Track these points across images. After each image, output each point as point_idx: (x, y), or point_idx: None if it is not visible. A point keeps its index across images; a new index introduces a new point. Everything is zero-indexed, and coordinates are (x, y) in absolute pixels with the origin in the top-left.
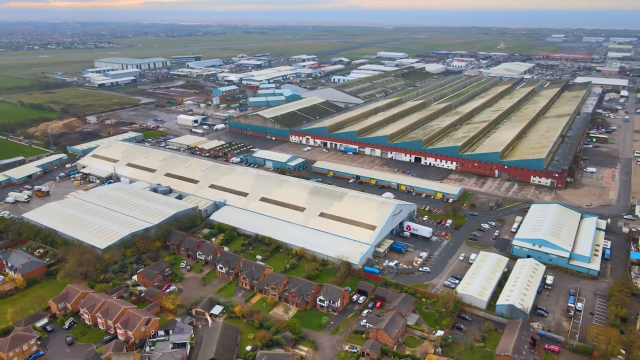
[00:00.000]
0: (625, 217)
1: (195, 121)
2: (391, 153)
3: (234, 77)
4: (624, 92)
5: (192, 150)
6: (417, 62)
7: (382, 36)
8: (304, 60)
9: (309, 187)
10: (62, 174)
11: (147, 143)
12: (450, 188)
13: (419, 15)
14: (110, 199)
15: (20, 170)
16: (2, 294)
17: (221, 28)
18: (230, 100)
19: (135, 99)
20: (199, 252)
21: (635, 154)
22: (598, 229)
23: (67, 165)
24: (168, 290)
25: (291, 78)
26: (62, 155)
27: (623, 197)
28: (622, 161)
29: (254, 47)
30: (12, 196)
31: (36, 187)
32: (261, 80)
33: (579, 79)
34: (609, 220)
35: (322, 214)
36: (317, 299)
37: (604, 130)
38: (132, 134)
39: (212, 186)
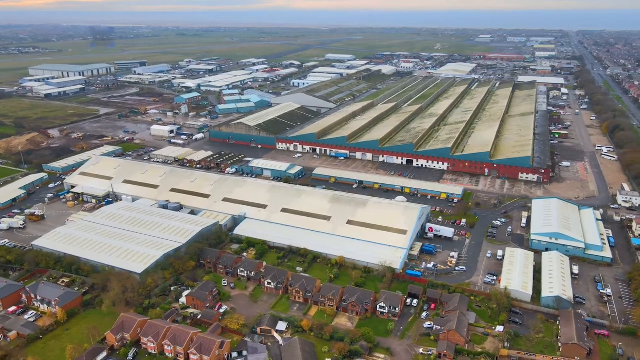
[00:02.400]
0: (612, 206)
1: (171, 131)
2: (382, 156)
3: (191, 83)
4: (564, 90)
5: (181, 163)
6: (366, 64)
7: (320, 38)
8: (254, 64)
9: (329, 196)
10: (49, 194)
11: (129, 157)
12: (453, 188)
13: (348, 16)
14: (124, 220)
15: (2, 193)
16: (43, 330)
17: (152, 30)
18: (196, 108)
19: (93, 110)
20: (241, 269)
21: (597, 148)
22: (597, 219)
23: (51, 185)
24: (221, 310)
25: (249, 83)
26: (43, 174)
27: (602, 188)
28: (588, 155)
29: (197, 51)
30: (5, 223)
31: (27, 211)
32: (221, 87)
33: (523, 78)
34: (601, 210)
35: (349, 222)
36: (378, 306)
37: (561, 126)
38: (109, 148)
39: (225, 200)
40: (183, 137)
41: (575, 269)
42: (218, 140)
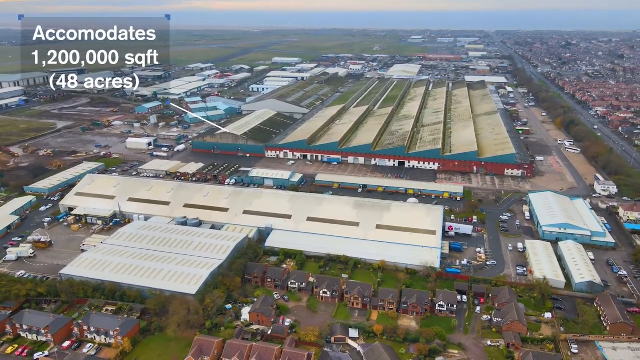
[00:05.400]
0: (594, 195)
1: (149, 144)
2: (374, 160)
3: (146, 91)
4: (509, 89)
5: (175, 176)
6: (315, 66)
7: (256, 40)
8: (203, 70)
9: (351, 202)
10: (47, 219)
11: (114, 173)
12: (455, 187)
13: (272, 17)
14: (149, 240)
15: None
16: None
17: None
18: (163, 118)
19: (48, 123)
20: (291, 281)
21: (559, 142)
22: (590, 208)
23: (42, 209)
24: (287, 324)
25: (206, 89)
26: (31, 197)
27: (578, 179)
28: (553, 149)
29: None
30: (12, 252)
31: (30, 238)
32: (179, 94)
33: (471, 78)
34: (588, 200)
35: (378, 226)
36: (437, 305)
37: (520, 123)
38: (90, 165)
39: (246, 212)
40: (164, 149)
41: (591, 255)
42: (202, 150)
